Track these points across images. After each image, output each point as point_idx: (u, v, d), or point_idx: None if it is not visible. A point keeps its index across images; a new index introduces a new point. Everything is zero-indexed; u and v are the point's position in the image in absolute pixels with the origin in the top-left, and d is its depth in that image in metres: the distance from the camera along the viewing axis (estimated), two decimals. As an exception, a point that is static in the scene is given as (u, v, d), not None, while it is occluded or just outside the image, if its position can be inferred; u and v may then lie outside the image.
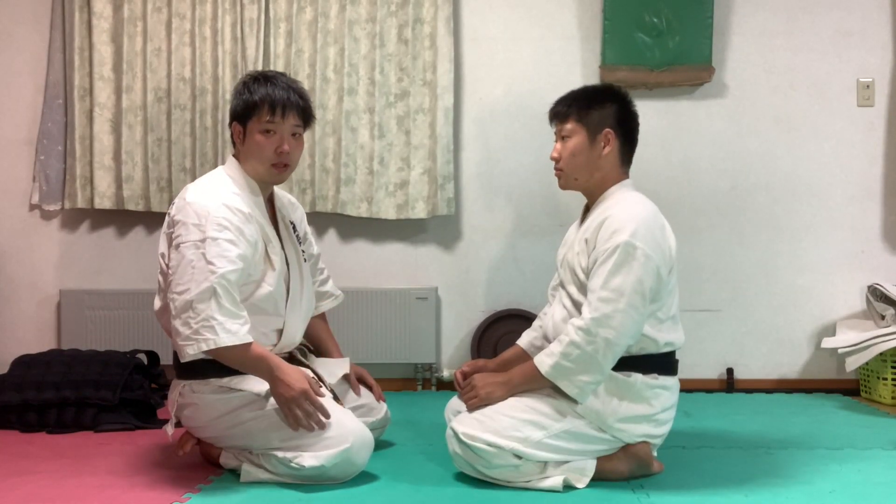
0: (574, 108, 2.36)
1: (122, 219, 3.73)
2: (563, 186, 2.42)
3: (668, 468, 2.34)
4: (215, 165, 3.62)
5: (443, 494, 2.14)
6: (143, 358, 3.35)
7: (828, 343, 3.46)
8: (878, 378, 3.35)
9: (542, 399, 2.21)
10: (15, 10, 3.72)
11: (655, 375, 2.24)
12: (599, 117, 2.34)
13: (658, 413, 2.24)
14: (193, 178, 3.61)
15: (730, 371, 3.62)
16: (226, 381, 2.25)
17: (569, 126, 2.35)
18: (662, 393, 2.25)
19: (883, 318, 3.37)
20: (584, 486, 2.18)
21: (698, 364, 3.63)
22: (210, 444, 2.40)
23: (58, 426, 2.89)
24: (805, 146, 3.66)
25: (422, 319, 3.59)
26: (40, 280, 3.72)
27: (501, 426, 2.16)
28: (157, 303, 2.37)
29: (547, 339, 2.41)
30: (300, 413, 2.16)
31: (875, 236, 3.64)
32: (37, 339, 3.67)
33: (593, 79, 3.66)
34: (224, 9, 3.60)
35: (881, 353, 3.25)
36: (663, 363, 2.27)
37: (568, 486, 2.18)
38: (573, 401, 2.18)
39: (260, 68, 3.55)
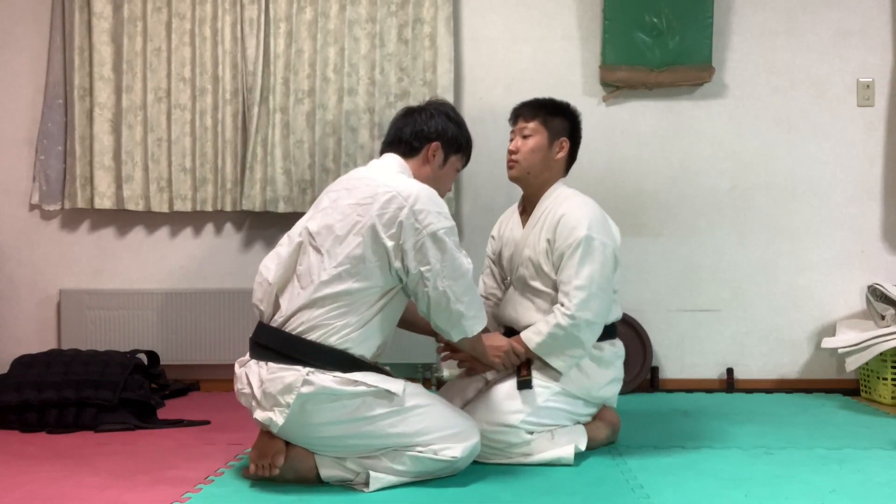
0: (542, 111, 2.64)
1: (122, 219, 3.73)
2: (513, 177, 2.67)
3: (668, 468, 2.35)
4: (215, 165, 3.62)
5: (443, 493, 2.13)
6: (143, 358, 3.36)
7: (828, 343, 3.46)
8: (878, 378, 3.35)
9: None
10: (15, 10, 3.72)
11: (612, 342, 2.61)
12: (560, 126, 2.64)
13: (620, 374, 2.64)
14: (194, 178, 3.62)
15: (730, 371, 3.62)
16: (350, 375, 2.14)
17: (532, 125, 2.62)
18: (621, 356, 2.65)
19: (883, 318, 3.37)
20: (583, 448, 2.47)
21: (698, 364, 3.64)
22: (300, 459, 2.20)
23: (58, 426, 2.89)
24: (805, 146, 3.66)
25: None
26: (40, 280, 3.72)
27: (503, 409, 2.40)
28: (327, 274, 2.19)
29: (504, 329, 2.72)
30: (512, 361, 2.46)
31: (875, 236, 3.64)
32: (37, 339, 3.67)
33: (593, 79, 3.67)
34: (224, 9, 3.60)
35: (881, 353, 3.25)
36: (612, 331, 2.62)
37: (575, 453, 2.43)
38: (555, 378, 2.47)
39: (260, 68, 3.56)
